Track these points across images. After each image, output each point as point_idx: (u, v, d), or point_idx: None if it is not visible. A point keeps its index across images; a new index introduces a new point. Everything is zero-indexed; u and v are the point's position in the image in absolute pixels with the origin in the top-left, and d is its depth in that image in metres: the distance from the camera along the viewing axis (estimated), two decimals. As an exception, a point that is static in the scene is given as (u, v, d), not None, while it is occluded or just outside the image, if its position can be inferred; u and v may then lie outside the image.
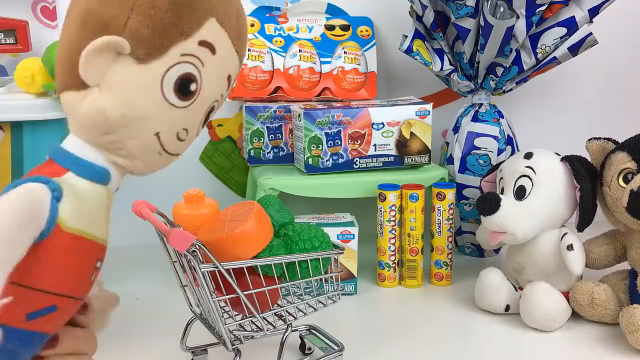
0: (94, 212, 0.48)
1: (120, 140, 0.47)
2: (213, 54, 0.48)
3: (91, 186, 0.48)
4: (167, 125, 0.48)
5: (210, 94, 0.50)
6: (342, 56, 1.26)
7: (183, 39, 0.46)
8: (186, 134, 0.50)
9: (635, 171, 0.89)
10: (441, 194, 1.08)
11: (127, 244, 1.32)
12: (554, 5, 1.11)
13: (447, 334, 0.93)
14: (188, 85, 0.48)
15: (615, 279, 0.95)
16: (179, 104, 0.48)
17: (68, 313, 0.48)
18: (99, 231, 0.48)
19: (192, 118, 0.50)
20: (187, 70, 0.47)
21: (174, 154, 0.51)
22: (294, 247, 0.75)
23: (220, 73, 0.50)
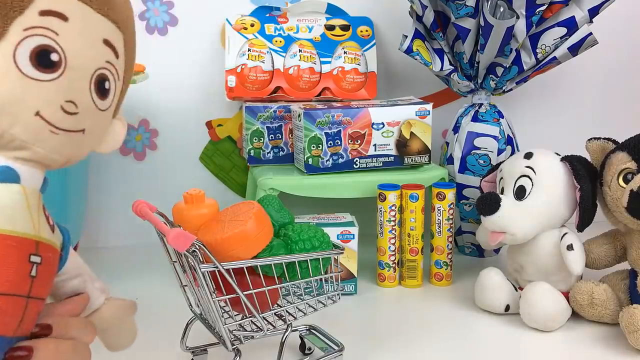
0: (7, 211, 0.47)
1: (5, 132, 0.46)
2: (65, 21, 0.47)
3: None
4: (43, 102, 0.47)
5: (84, 62, 0.49)
6: (342, 56, 1.26)
7: (18, 14, 0.45)
8: (75, 107, 0.49)
9: (635, 171, 0.89)
10: (441, 194, 1.08)
11: (127, 244, 1.32)
12: (554, 5, 1.11)
13: (447, 334, 0.93)
14: (47, 57, 0.46)
15: (615, 279, 0.95)
16: (45, 77, 0.46)
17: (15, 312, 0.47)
18: (22, 227, 0.47)
19: (73, 88, 0.48)
20: (38, 42, 0.46)
21: (72, 130, 0.49)
22: (294, 247, 0.75)
23: (89, 39, 0.49)
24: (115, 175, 1.31)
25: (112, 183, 1.31)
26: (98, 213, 1.31)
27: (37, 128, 0.47)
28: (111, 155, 1.30)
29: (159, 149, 1.32)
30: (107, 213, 1.32)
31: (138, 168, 1.32)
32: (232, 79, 1.22)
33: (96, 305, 0.59)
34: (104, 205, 1.31)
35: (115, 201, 1.31)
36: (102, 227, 1.32)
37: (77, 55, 0.48)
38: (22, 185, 0.48)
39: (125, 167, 1.31)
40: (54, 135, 0.48)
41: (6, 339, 0.47)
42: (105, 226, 1.33)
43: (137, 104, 1.29)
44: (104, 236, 1.32)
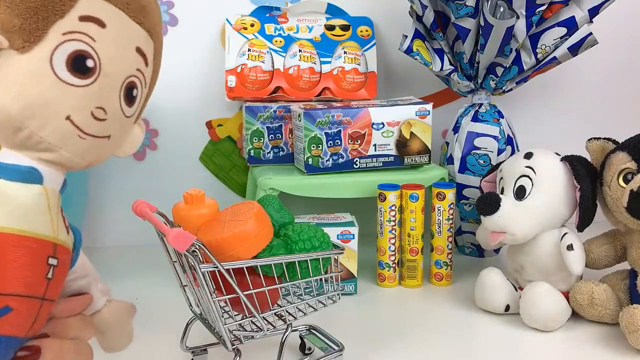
0: (30, 211, 0.47)
1: (34, 134, 0.47)
2: (103, 28, 0.48)
3: (22, 187, 0.48)
4: (74, 107, 0.47)
5: (117, 69, 0.49)
6: (342, 56, 1.26)
7: (59, 17, 0.46)
8: (104, 113, 0.49)
9: (635, 171, 0.89)
10: (441, 194, 1.08)
11: (127, 244, 1.32)
12: (554, 5, 1.11)
13: (447, 334, 0.93)
14: (83, 62, 0.47)
15: (615, 279, 0.95)
16: (79, 83, 0.47)
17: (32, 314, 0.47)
18: (42, 229, 0.47)
19: (104, 95, 0.49)
20: (75, 47, 0.46)
21: (99, 136, 0.50)
22: (294, 247, 0.75)
23: (123, 46, 0.50)
24: (115, 175, 1.31)
25: (112, 183, 1.31)
26: (98, 213, 1.31)
27: (66, 132, 0.48)
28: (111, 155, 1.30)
29: (159, 149, 1.32)
30: (107, 213, 1.32)
31: (138, 168, 1.32)
32: (232, 79, 1.22)
33: (98, 306, 0.59)
34: (104, 205, 1.31)
35: (115, 201, 1.31)
36: (102, 227, 1.32)
37: (111, 63, 0.49)
38: (44, 186, 0.49)
39: (125, 167, 1.31)
40: (81, 140, 0.49)
41: (19, 340, 0.47)
42: (105, 226, 1.33)
43: (137, 104, 1.29)
44: (104, 236, 1.32)
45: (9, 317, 0.45)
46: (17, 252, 0.46)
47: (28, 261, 0.46)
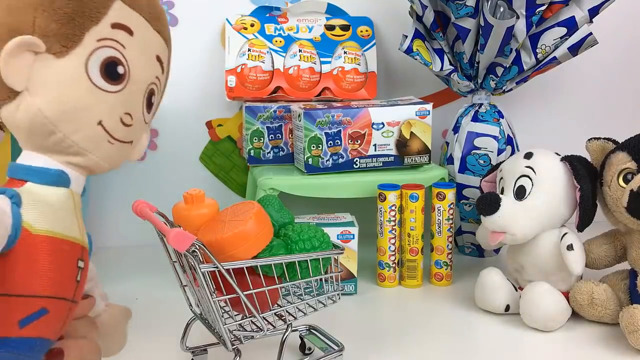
0: (60, 213, 0.48)
1: (66, 137, 0.48)
2: (131, 36, 0.49)
3: (51, 190, 0.48)
4: (106, 112, 0.49)
5: (142, 76, 0.51)
6: (342, 56, 1.26)
7: (94, 24, 0.47)
8: (130, 119, 0.51)
9: (635, 171, 0.89)
10: (441, 194, 1.08)
11: (127, 244, 1.32)
12: (554, 5, 1.11)
13: (447, 334, 0.93)
14: (115, 69, 0.48)
15: (615, 279, 0.95)
16: (111, 89, 0.48)
17: (62, 315, 0.48)
18: (71, 231, 0.48)
19: (131, 101, 0.50)
20: (108, 54, 0.48)
21: (125, 141, 0.51)
22: (294, 247, 0.75)
23: (147, 54, 0.51)
24: (115, 175, 1.31)
25: (112, 183, 1.31)
26: (98, 213, 1.31)
27: (97, 137, 0.49)
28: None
29: (159, 149, 1.32)
30: (107, 213, 1.32)
31: (138, 168, 1.32)
32: (232, 79, 1.22)
33: (98, 310, 0.60)
34: (104, 205, 1.31)
35: (115, 201, 1.31)
36: (102, 227, 1.32)
37: (138, 70, 0.50)
38: (70, 189, 0.50)
39: (125, 167, 1.31)
40: (110, 145, 0.50)
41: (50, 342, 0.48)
42: (105, 226, 1.33)
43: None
44: (104, 236, 1.32)
45: (45, 320, 0.46)
46: (52, 255, 0.47)
47: (62, 263, 0.47)
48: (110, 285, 1.11)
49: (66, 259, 0.48)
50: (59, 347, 0.50)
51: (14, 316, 0.45)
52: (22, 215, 0.45)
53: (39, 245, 0.46)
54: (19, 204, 0.46)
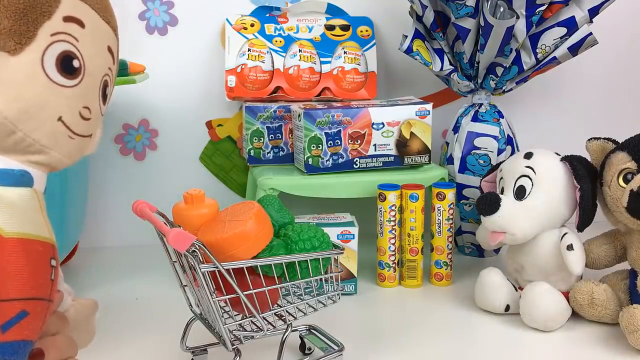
0: (28, 214, 0.47)
1: (27, 136, 0.47)
2: (83, 28, 0.48)
3: (15, 191, 0.47)
4: (66, 107, 0.48)
5: (96, 68, 0.50)
6: (342, 56, 1.26)
7: (46, 19, 0.46)
8: (89, 112, 0.50)
9: (635, 171, 0.89)
10: (441, 194, 1.08)
11: (127, 244, 1.32)
12: (554, 5, 1.11)
13: (447, 334, 0.93)
14: (70, 63, 0.47)
15: (615, 279, 0.95)
16: (68, 83, 0.48)
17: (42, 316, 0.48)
18: (41, 231, 0.48)
19: (88, 94, 0.50)
20: (63, 48, 0.47)
21: (85, 135, 0.51)
22: (294, 247, 0.75)
23: (99, 45, 0.51)
24: (115, 175, 1.31)
25: (112, 183, 1.31)
26: (98, 213, 1.31)
27: (58, 133, 0.48)
28: (111, 155, 1.30)
29: (159, 149, 1.32)
30: (107, 213, 1.32)
31: (138, 168, 1.32)
32: (232, 79, 1.22)
33: (66, 305, 0.58)
34: (104, 205, 1.31)
35: (115, 201, 1.31)
36: (102, 227, 1.32)
37: (92, 62, 0.49)
38: (34, 188, 0.49)
39: (125, 167, 1.31)
40: (71, 140, 0.49)
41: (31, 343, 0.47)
42: (105, 226, 1.33)
43: (137, 104, 1.29)
44: (104, 236, 1.32)
45: (26, 322, 0.46)
46: (26, 256, 0.46)
47: (36, 264, 0.47)
48: (110, 285, 1.12)
49: (40, 259, 0.47)
50: (38, 347, 0.49)
51: None
52: None
53: (12, 248, 0.45)
54: None
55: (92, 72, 0.49)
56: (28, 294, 0.46)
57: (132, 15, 1.26)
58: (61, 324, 0.55)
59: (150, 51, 1.27)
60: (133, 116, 1.30)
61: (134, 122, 1.30)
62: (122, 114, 1.29)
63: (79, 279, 1.14)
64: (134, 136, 1.31)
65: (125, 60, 1.08)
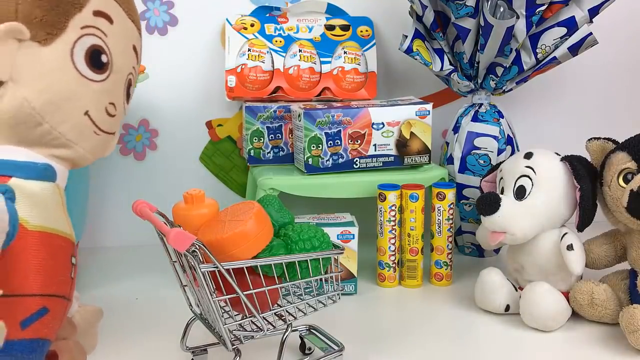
0: (51, 209, 0.47)
1: (53, 129, 0.46)
2: (111, 24, 0.49)
3: (39, 185, 0.47)
4: (93, 102, 0.48)
5: (123, 65, 0.50)
6: (342, 56, 1.26)
7: (77, 11, 0.46)
8: (114, 109, 0.50)
9: (635, 171, 0.89)
10: (441, 194, 1.08)
11: (127, 244, 1.32)
12: (554, 5, 1.11)
13: (447, 334, 0.93)
14: (99, 57, 0.48)
15: (615, 279, 0.95)
16: (96, 78, 0.48)
17: (60, 315, 0.47)
18: (63, 227, 0.47)
19: (115, 91, 0.50)
20: (92, 42, 0.47)
21: (109, 132, 0.51)
22: (294, 247, 0.75)
23: (125, 43, 0.51)
24: (115, 175, 1.31)
25: (112, 183, 1.31)
26: (98, 213, 1.31)
27: (84, 128, 0.48)
28: (111, 155, 1.30)
29: (159, 149, 1.32)
30: (107, 213, 1.32)
31: (138, 168, 1.32)
32: (232, 79, 1.22)
33: (72, 311, 0.58)
34: (104, 205, 1.31)
35: (115, 201, 1.31)
36: (102, 227, 1.32)
37: (119, 59, 0.50)
38: (56, 183, 0.49)
39: (125, 167, 1.31)
40: (95, 136, 0.49)
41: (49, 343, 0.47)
42: (105, 226, 1.33)
43: (137, 104, 1.29)
44: (104, 236, 1.32)
45: (46, 319, 0.45)
46: (49, 251, 0.45)
47: (58, 260, 0.47)
48: (110, 285, 1.12)
49: (61, 255, 0.47)
50: (52, 349, 0.49)
51: (16, 317, 0.44)
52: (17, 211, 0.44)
53: (36, 242, 0.45)
54: (12, 199, 0.44)
55: (119, 69, 0.50)
56: (49, 290, 0.45)
57: (132, 15, 1.26)
58: (71, 330, 0.55)
59: (150, 51, 1.27)
60: (133, 116, 1.30)
61: (134, 122, 1.30)
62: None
63: (79, 279, 1.14)
64: (134, 136, 1.31)
65: (125, 60, 1.08)
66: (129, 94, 0.53)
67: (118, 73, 0.49)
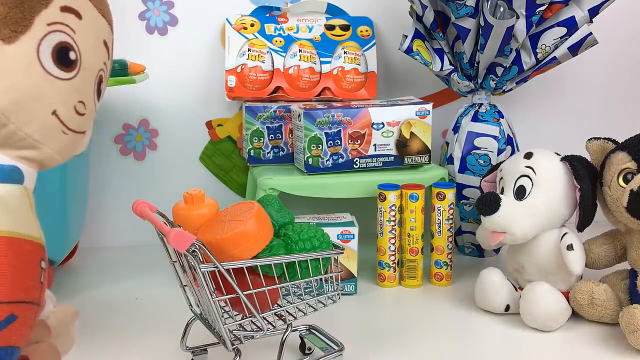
0: (18, 213, 0.45)
1: (19, 129, 0.45)
2: (80, 19, 0.47)
3: (5, 188, 0.45)
4: (60, 101, 0.46)
5: (93, 62, 0.49)
6: (342, 56, 1.26)
7: (43, 7, 0.45)
8: (84, 107, 0.48)
9: (635, 171, 0.89)
10: (441, 194, 1.08)
11: (127, 244, 1.32)
12: (554, 5, 1.11)
13: (447, 334, 0.93)
14: (67, 54, 0.46)
15: (615, 279, 0.95)
16: (64, 76, 0.46)
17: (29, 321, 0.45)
18: (31, 231, 0.45)
19: (84, 89, 0.48)
20: (59, 39, 0.45)
21: (79, 131, 0.49)
22: (294, 247, 0.75)
23: (95, 38, 0.49)
24: (115, 175, 1.31)
25: (112, 183, 1.31)
26: (98, 213, 1.31)
27: (52, 128, 0.47)
28: (111, 155, 1.30)
29: (159, 149, 1.32)
30: (107, 213, 1.32)
31: (138, 168, 1.32)
32: (232, 79, 1.22)
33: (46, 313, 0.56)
34: (104, 205, 1.31)
35: (115, 201, 1.31)
36: (102, 227, 1.32)
37: (88, 55, 0.48)
38: (24, 186, 0.48)
39: (125, 167, 1.31)
40: (64, 136, 0.48)
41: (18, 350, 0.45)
42: (105, 226, 1.33)
43: (137, 104, 1.29)
44: (104, 236, 1.32)
45: (15, 326, 0.44)
46: (17, 257, 0.44)
47: (26, 265, 0.45)
48: (110, 285, 1.12)
49: (30, 260, 0.45)
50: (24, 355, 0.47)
51: None
52: None
53: (2, 248, 0.43)
54: None
55: (89, 66, 0.48)
56: (17, 297, 0.44)
57: (132, 15, 1.26)
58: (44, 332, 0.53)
59: (150, 51, 1.27)
60: (133, 116, 1.30)
61: (134, 122, 1.30)
62: (122, 114, 1.29)
63: (79, 279, 1.14)
64: (134, 136, 1.31)
65: (125, 60, 1.08)
66: (100, 91, 0.51)
67: (88, 70, 0.48)
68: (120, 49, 1.23)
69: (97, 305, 1.04)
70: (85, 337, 0.91)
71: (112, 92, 1.25)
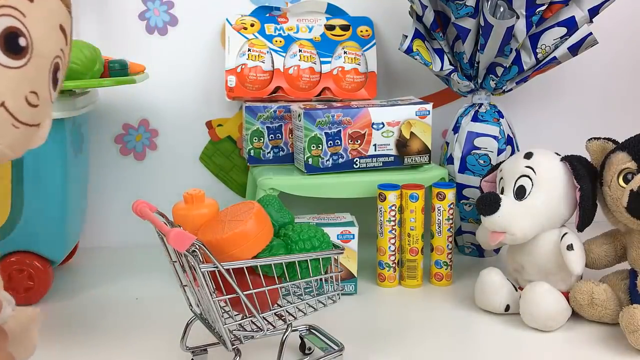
0: None
1: None
2: (31, 2, 0.43)
3: None
4: (9, 92, 0.42)
5: (47, 48, 0.45)
6: (342, 56, 1.26)
7: None
8: (37, 98, 0.44)
9: (635, 171, 0.89)
10: (441, 194, 1.08)
11: (127, 244, 1.32)
12: (554, 5, 1.11)
13: (447, 334, 0.93)
14: (16, 40, 0.42)
15: (615, 279, 0.95)
16: (13, 64, 0.42)
17: None
18: None
19: (37, 78, 0.44)
20: (7, 23, 0.42)
21: (31, 124, 0.45)
22: (294, 247, 0.75)
23: (49, 23, 0.45)
24: (115, 175, 1.31)
25: (112, 183, 1.31)
26: (98, 213, 1.31)
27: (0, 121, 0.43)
28: (111, 156, 1.30)
29: (159, 149, 1.32)
30: (107, 213, 1.32)
31: (138, 168, 1.32)
32: (232, 79, 1.22)
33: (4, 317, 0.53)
34: (104, 205, 1.31)
35: (115, 201, 1.31)
36: (102, 227, 1.32)
37: (41, 42, 0.44)
38: None
39: (125, 167, 1.31)
40: (14, 130, 0.44)
41: None
42: (105, 226, 1.32)
43: (137, 104, 1.29)
44: (104, 236, 1.32)
45: None
46: None
47: None
48: (110, 285, 1.12)
49: None
50: None
51: None
52: None
53: None
54: None
55: (42, 53, 0.44)
56: None
57: (132, 15, 1.26)
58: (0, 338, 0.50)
59: (150, 51, 1.27)
60: (133, 116, 1.30)
61: (134, 122, 1.30)
62: (122, 114, 1.29)
63: (79, 279, 1.14)
64: (134, 136, 1.31)
65: (125, 60, 1.08)
66: (57, 80, 0.47)
67: (41, 57, 0.44)
68: (120, 49, 1.24)
69: (97, 305, 1.04)
70: (85, 337, 0.92)
71: (112, 92, 1.25)
